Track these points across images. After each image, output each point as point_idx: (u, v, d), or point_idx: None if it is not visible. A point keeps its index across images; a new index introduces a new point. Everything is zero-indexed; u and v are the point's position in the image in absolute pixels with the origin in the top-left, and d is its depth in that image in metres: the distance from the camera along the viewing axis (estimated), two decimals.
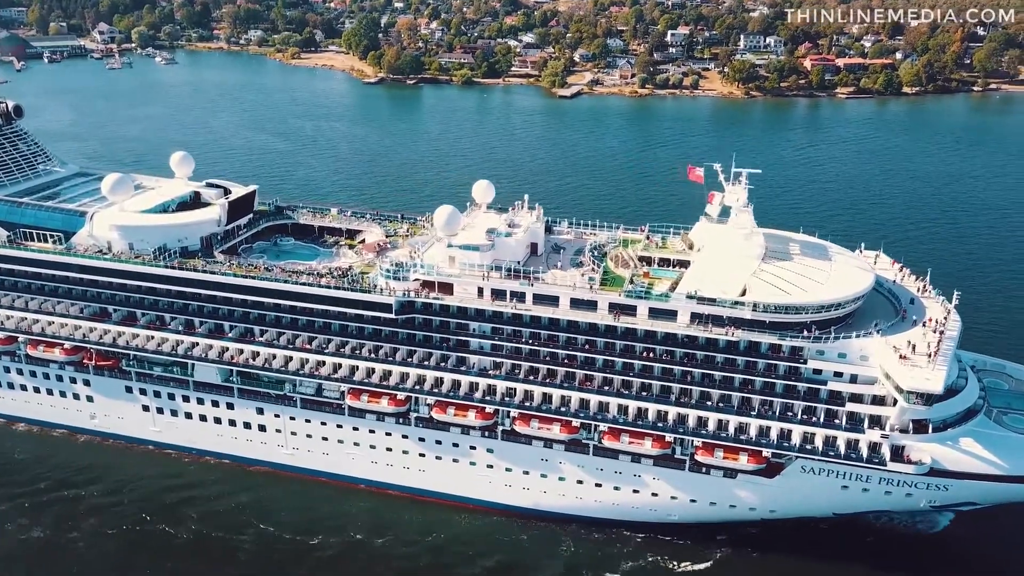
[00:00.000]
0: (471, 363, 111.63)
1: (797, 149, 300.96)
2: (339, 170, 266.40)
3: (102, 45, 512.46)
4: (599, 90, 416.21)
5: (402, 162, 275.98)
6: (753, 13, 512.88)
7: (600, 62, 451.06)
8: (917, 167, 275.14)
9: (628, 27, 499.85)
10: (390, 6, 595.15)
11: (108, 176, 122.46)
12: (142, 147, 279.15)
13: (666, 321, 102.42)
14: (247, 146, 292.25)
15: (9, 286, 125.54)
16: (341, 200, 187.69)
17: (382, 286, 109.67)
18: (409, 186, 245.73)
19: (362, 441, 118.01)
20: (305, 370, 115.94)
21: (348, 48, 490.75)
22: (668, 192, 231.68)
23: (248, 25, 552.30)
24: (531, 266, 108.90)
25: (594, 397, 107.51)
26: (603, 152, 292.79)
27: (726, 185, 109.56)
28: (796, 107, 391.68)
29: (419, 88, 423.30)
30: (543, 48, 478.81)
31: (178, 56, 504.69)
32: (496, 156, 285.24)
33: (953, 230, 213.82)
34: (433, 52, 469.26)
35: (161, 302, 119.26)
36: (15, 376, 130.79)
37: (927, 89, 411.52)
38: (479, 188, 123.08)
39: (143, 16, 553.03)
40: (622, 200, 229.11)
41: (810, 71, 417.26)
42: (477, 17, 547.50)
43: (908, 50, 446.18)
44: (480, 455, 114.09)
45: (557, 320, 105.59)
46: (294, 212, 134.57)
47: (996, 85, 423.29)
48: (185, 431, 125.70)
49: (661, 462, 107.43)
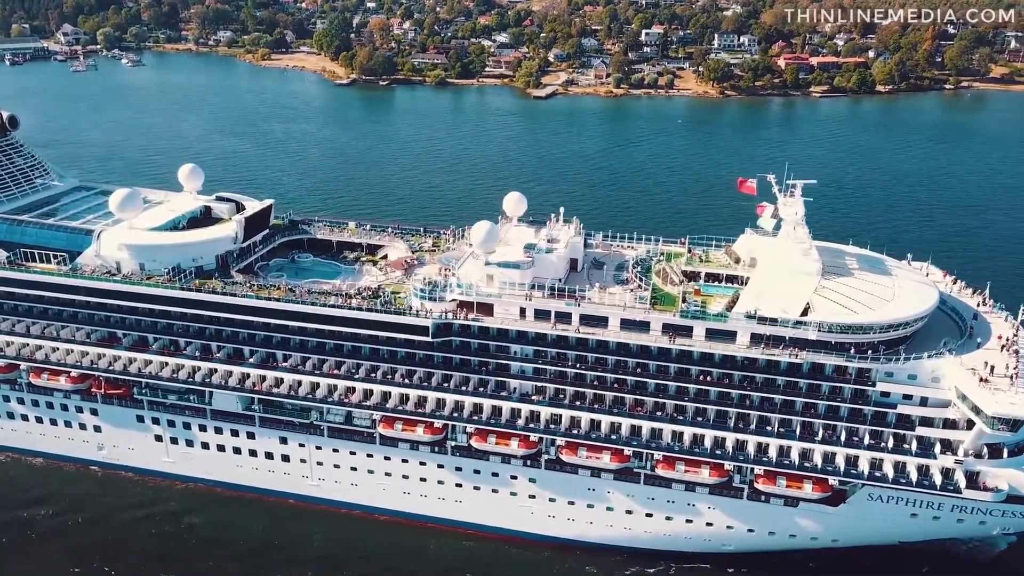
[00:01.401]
0: (511, 388, 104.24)
1: (772, 147, 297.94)
2: (308, 173, 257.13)
3: (66, 47, 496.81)
4: (574, 90, 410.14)
5: (374, 165, 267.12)
6: (727, 12, 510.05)
7: (575, 62, 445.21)
8: (897, 164, 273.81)
9: (602, 26, 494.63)
10: (362, 6, 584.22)
11: (116, 192, 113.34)
12: (105, 152, 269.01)
13: (724, 342, 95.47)
14: (214, 150, 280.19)
15: (9, 310, 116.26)
16: (315, 205, 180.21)
17: (416, 307, 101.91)
18: (382, 189, 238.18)
19: (394, 471, 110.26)
20: (334, 397, 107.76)
21: (319, 49, 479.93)
22: (651, 196, 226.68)
23: (217, 26, 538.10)
24: (572, 283, 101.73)
25: (646, 423, 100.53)
26: (579, 153, 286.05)
27: (780, 197, 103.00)
28: (771, 106, 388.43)
29: (392, 89, 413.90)
30: (517, 48, 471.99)
31: (145, 58, 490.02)
32: (470, 158, 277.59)
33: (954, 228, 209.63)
34: (406, 52, 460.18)
35: (176, 326, 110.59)
36: (16, 406, 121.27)
37: (900, 87, 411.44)
38: (510, 201, 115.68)
39: (109, 17, 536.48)
40: (602, 204, 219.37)
41: (784, 70, 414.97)
42: (450, 17, 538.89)
43: (880, 48, 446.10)
44: (521, 485, 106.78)
45: (606, 342, 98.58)
46: (310, 226, 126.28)
47: (968, 83, 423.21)
48: (201, 462, 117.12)
49: (717, 490, 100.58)
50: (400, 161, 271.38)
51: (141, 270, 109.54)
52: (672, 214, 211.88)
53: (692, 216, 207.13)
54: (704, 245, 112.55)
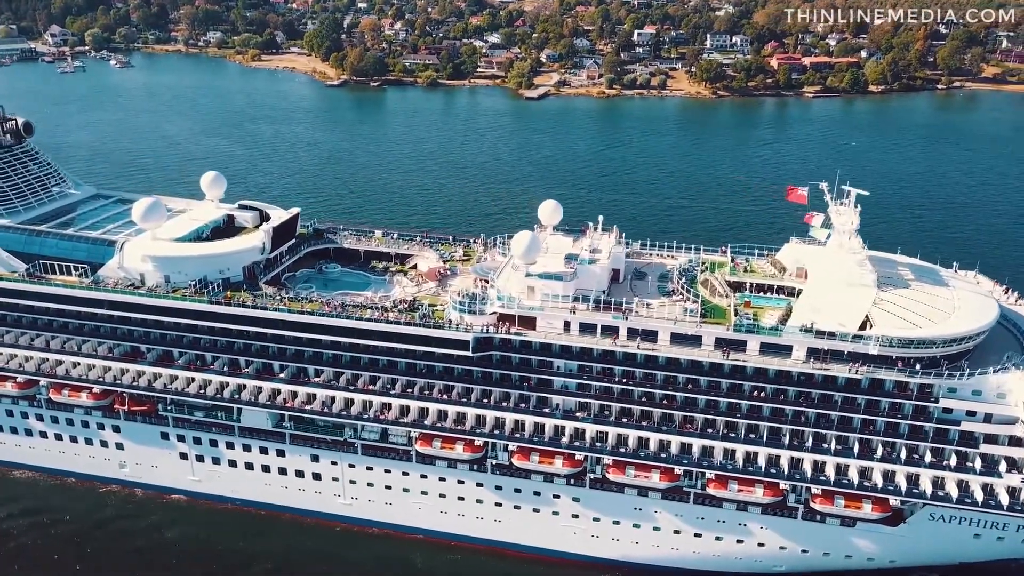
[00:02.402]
0: (554, 404, 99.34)
1: (763, 146, 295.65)
2: (296, 174, 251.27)
3: (54, 48, 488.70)
4: (566, 91, 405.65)
5: (363, 167, 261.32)
6: (719, 12, 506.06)
7: (567, 62, 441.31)
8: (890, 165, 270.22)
9: (595, 27, 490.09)
10: (353, 7, 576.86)
11: (139, 201, 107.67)
12: (92, 155, 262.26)
13: (778, 357, 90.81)
14: (203, 152, 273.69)
15: (28, 324, 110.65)
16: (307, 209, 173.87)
17: (455, 321, 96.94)
18: (375, 192, 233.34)
19: (430, 490, 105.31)
20: (369, 414, 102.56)
21: (310, 50, 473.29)
22: (644, 200, 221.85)
23: (207, 26, 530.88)
24: (615, 295, 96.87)
25: (696, 441, 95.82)
26: (574, 154, 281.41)
27: (832, 205, 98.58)
28: (764, 106, 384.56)
29: (383, 90, 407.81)
30: (509, 49, 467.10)
31: (134, 59, 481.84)
32: (463, 161, 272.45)
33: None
34: (397, 53, 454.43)
35: (203, 340, 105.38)
36: (34, 422, 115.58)
37: (892, 87, 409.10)
38: (546, 209, 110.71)
39: (97, 18, 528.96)
40: (599, 207, 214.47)
41: (777, 70, 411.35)
42: (442, 17, 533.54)
43: (873, 48, 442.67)
44: (564, 504, 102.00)
45: (655, 357, 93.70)
46: (335, 235, 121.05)
47: (960, 83, 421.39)
48: (228, 480, 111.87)
49: (770, 510, 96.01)
50: (391, 163, 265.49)
51: (166, 282, 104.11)
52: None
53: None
54: (745, 254, 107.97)
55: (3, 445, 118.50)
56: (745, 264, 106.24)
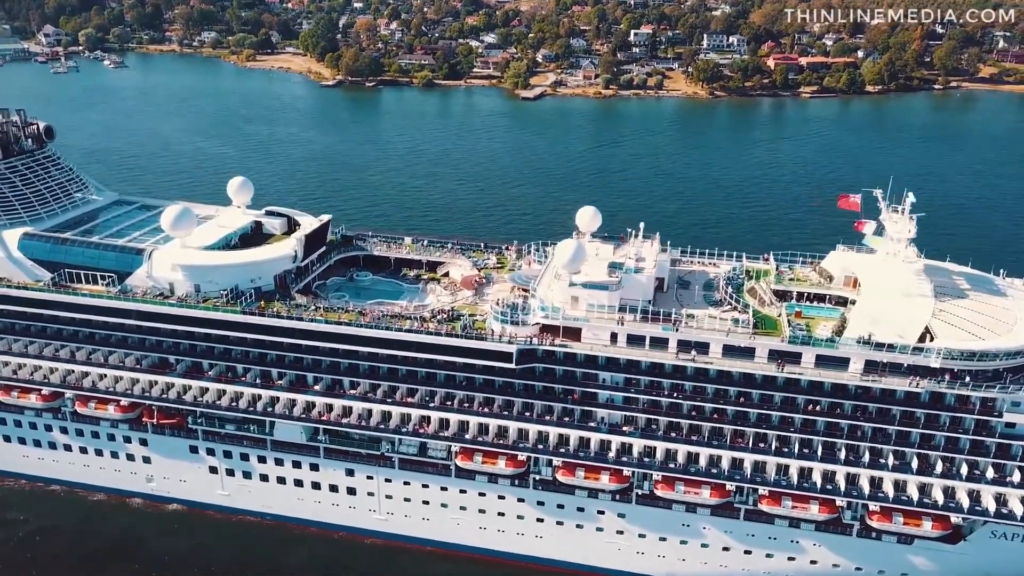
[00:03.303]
0: (598, 418, 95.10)
1: (760, 145, 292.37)
2: (290, 176, 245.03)
3: (48, 48, 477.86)
4: (562, 91, 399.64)
5: (360, 168, 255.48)
6: (715, 12, 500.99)
7: (563, 62, 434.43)
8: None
9: (591, 27, 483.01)
10: (349, 6, 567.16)
11: (168, 208, 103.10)
12: (84, 157, 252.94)
13: (834, 370, 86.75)
14: (196, 153, 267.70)
15: (53, 334, 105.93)
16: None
17: (497, 331, 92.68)
18: (370, 194, 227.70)
19: (469, 505, 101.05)
20: (408, 427, 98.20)
21: (305, 50, 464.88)
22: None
23: (202, 26, 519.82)
24: (660, 305, 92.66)
25: (748, 456, 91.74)
26: (573, 156, 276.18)
27: (886, 213, 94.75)
28: (761, 107, 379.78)
29: (378, 90, 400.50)
30: (505, 49, 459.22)
31: (128, 59, 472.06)
32: (460, 161, 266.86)
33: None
34: (393, 53, 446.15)
35: (234, 351, 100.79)
36: (58, 435, 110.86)
37: (889, 88, 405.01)
38: (585, 215, 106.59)
39: (91, 18, 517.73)
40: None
41: (774, 70, 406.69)
42: (438, 17, 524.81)
43: (869, 48, 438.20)
44: (609, 520, 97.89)
45: (705, 370, 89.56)
46: (364, 241, 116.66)
47: (957, 83, 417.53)
48: (260, 495, 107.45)
49: (824, 527, 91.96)
50: (387, 165, 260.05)
51: (196, 292, 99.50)
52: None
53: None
54: (788, 261, 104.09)
55: (26, 459, 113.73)
56: (789, 272, 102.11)
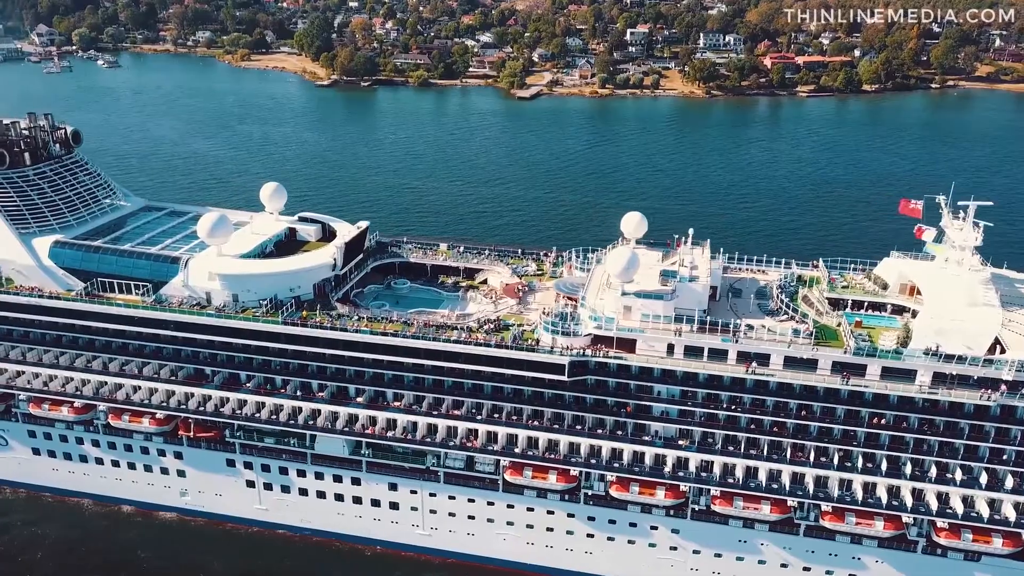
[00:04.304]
0: (652, 431, 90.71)
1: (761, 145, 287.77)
2: (283, 176, 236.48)
3: (41, 48, 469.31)
4: (559, 91, 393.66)
5: (354, 168, 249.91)
6: (712, 11, 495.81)
7: (559, 62, 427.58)
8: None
9: (587, 26, 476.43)
10: (344, 6, 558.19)
11: (205, 216, 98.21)
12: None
13: (900, 382, 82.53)
14: (189, 154, 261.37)
15: (85, 345, 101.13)
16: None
17: (547, 342, 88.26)
18: (361, 193, 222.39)
19: (517, 520, 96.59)
20: (456, 441, 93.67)
21: (300, 49, 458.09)
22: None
23: (196, 26, 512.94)
24: (715, 314, 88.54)
25: (810, 471, 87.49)
26: (564, 156, 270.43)
27: (948, 220, 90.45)
28: (758, 106, 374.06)
29: (374, 90, 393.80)
30: (501, 48, 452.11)
31: (122, 59, 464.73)
32: (455, 161, 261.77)
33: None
34: (388, 53, 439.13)
35: (274, 363, 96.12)
36: (90, 448, 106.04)
37: (886, 86, 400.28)
38: (630, 221, 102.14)
39: (84, 17, 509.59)
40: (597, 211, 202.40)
41: (770, 69, 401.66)
42: (434, 16, 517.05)
43: (866, 47, 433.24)
44: (662, 535, 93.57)
45: (766, 382, 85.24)
46: (399, 248, 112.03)
47: (953, 82, 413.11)
48: (299, 509, 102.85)
49: (888, 543, 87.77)
50: (381, 164, 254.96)
51: (235, 301, 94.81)
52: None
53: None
54: (839, 268, 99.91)
55: (55, 472, 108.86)
56: (840, 280, 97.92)
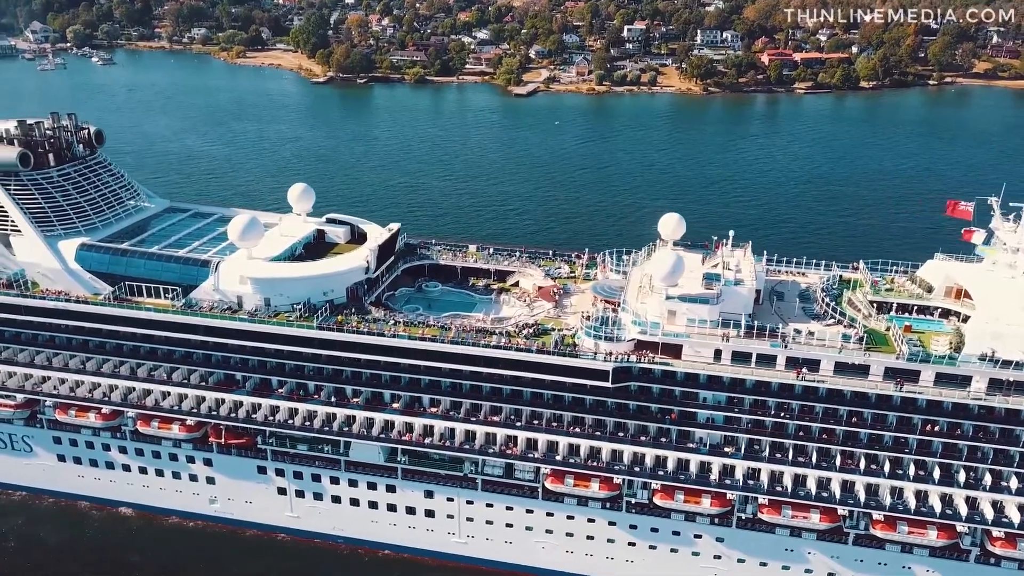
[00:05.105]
0: (696, 438, 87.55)
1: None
2: (279, 173, 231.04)
3: (35, 45, 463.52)
4: (556, 88, 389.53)
5: (348, 165, 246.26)
6: (709, 7, 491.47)
7: (556, 59, 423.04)
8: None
9: (584, 22, 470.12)
10: (340, 2, 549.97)
11: (236, 218, 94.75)
12: None
13: (954, 389, 79.54)
14: (183, 152, 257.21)
15: (113, 350, 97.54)
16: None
17: (588, 347, 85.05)
18: (356, 190, 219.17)
19: (556, 528, 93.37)
20: (495, 448, 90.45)
21: (296, 46, 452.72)
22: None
23: (191, 23, 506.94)
24: (760, 319, 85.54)
25: (860, 479, 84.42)
26: (560, 152, 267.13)
27: (999, 221, 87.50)
28: (755, 103, 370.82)
29: (370, 87, 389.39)
30: (498, 45, 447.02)
31: (117, 56, 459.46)
32: (449, 160, 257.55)
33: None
34: (384, 50, 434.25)
35: (307, 368, 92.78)
36: (117, 455, 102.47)
37: (884, 83, 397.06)
38: (668, 222, 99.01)
39: (79, 14, 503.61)
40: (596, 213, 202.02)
41: (768, 66, 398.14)
42: (430, 13, 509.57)
43: (864, 44, 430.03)
44: (706, 544, 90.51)
45: (815, 388, 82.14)
46: (428, 250, 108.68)
47: (951, 78, 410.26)
48: (331, 517, 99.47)
49: (940, 553, 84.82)
50: (378, 161, 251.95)
51: (267, 306, 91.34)
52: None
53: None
54: (880, 270, 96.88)
55: (81, 479, 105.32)
56: (885, 282, 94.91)
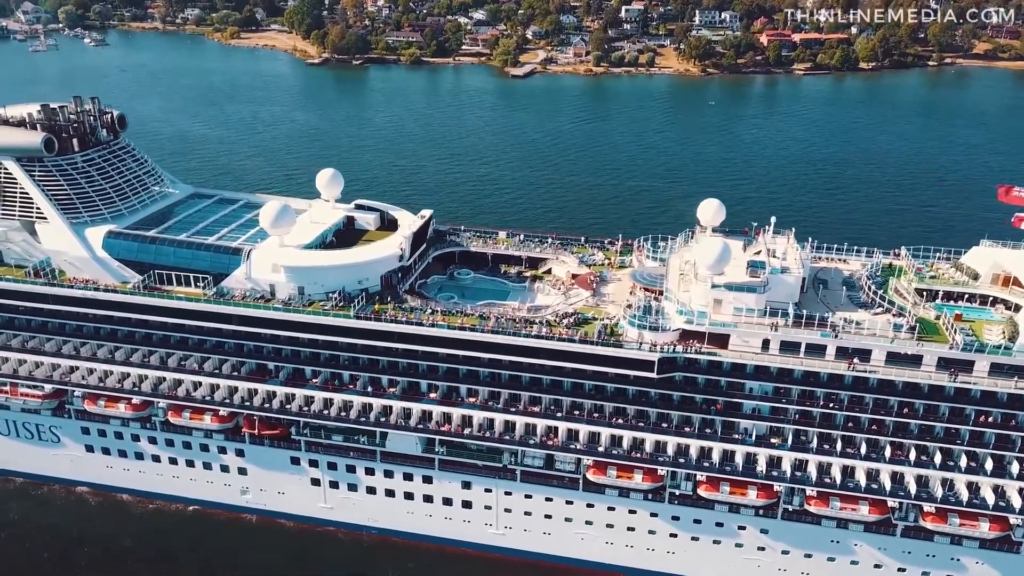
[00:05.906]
0: (741, 429, 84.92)
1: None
2: (274, 155, 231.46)
3: (27, 26, 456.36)
4: (553, 69, 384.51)
5: (346, 149, 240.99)
6: None
7: (553, 40, 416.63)
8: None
9: (581, 3, 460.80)
10: None
11: (267, 205, 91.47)
12: None
13: (1008, 378, 76.98)
14: (175, 134, 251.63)
15: (142, 339, 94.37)
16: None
17: (632, 337, 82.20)
18: (357, 174, 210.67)
19: (596, 519, 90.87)
20: (536, 439, 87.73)
21: (291, 27, 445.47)
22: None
23: (185, 3, 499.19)
24: (806, 307, 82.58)
25: (910, 470, 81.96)
26: (555, 134, 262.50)
27: None
28: (754, 84, 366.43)
29: (365, 69, 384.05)
30: (494, 25, 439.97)
31: (110, 37, 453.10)
32: (446, 141, 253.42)
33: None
34: (380, 31, 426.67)
35: (342, 358, 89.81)
36: (146, 445, 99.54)
37: (883, 64, 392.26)
38: (708, 209, 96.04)
39: None
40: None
41: (767, 47, 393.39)
42: None
43: (863, 25, 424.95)
44: (750, 536, 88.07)
45: (865, 379, 79.46)
46: (458, 236, 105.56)
47: (951, 59, 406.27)
48: (366, 508, 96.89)
49: (991, 545, 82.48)
50: (373, 143, 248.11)
51: (300, 294, 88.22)
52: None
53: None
54: (922, 257, 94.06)
55: (110, 469, 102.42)
56: (929, 269, 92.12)
